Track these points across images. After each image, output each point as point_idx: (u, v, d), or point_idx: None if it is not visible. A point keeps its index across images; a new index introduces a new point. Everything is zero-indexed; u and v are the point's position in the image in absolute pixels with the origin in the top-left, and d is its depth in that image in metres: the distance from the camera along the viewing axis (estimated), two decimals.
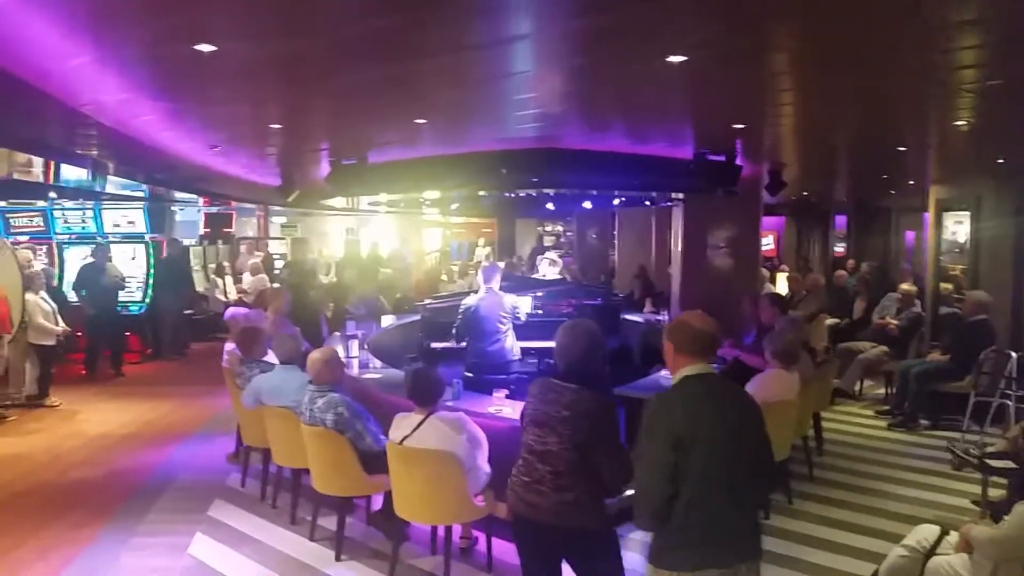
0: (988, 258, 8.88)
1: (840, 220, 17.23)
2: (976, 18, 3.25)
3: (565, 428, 3.14)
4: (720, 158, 7.38)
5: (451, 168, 7.89)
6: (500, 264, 8.11)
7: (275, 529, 5.30)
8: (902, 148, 7.60)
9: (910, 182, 11.08)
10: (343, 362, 5.39)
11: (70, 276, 11.23)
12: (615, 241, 15.27)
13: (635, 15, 3.26)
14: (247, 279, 13.91)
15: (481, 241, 22.55)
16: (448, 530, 4.43)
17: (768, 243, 16.91)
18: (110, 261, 10.88)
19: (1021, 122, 5.68)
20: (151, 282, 11.87)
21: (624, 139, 7.20)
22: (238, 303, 11.91)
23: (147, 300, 11.81)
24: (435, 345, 7.66)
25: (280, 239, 18.51)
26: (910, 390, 7.82)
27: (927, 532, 3.85)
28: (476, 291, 7.18)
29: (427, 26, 3.43)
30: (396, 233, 23.18)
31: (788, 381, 5.43)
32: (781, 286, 12.14)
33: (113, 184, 10.32)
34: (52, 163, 8.34)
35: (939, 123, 6.12)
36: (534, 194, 8.98)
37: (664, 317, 8.83)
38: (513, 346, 7.00)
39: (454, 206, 11.93)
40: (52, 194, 11.51)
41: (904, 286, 9.83)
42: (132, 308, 11.60)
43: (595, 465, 3.11)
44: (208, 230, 15.33)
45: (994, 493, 5.21)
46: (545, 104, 5.34)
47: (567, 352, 3.31)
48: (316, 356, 4.96)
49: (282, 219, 20.25)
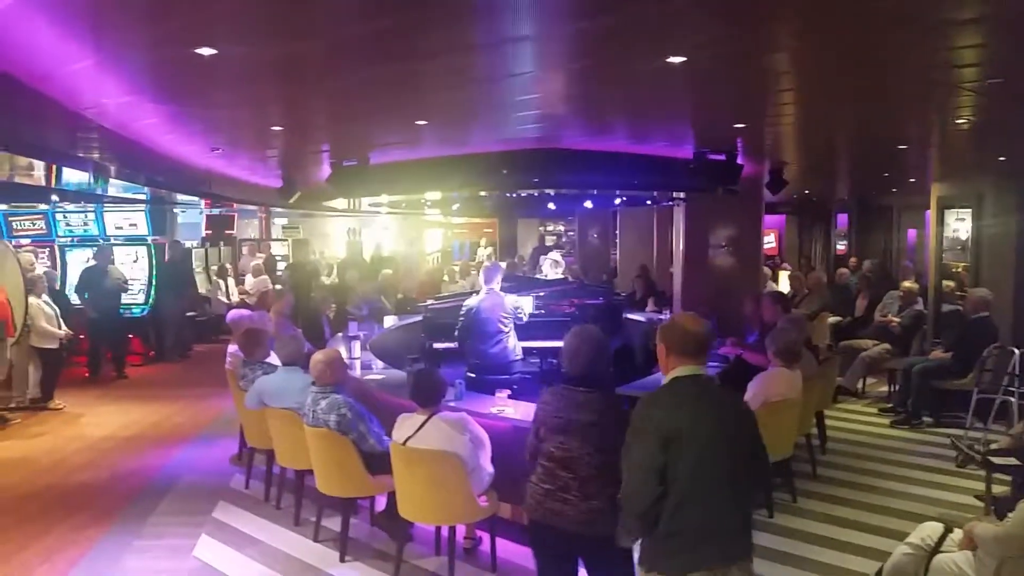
0: (990, 255, 8.86)
1: (842, 218, 17.22)
2: (977, 16, 3.25)
3: (591, 432, 3.15)
4: (720, 157, 7.38)
5: (452, 169, 7.89)
6: (502, 264, 8.12)
7: (279, 530, 5.30)
8: (903, 146, 7.60)
9: (911, 180, 11.07)
10: (345, 363, 5.39)
11: (72, 279, 11.22)
12: (616, 241, 15.27)
13: (635, 16, 3.26)
14: (249, 281, 13.94)
15: (483, 241, 22.54)
16: (452, 530, 4.44)
17: (770, 241, 16.88)
18: (112, 264, 10.89)
19: (1022, 121, 5.67)
20: (153, 284, 11.86)
21: (625, 139, 7.20)
22: (240, 305, 11.94)
23: (149, 302, 11.80)
24: (437, 346, 7.66)
25: (282, 240, 18.53)
26: (913, 387, 7.82)
27: (931, 530, 3.84)
28: (478, 292, 7.18)
29: (427, 27, 3.44)
30: (399, 234, 23.20)
31: (791, 379, 5.43)
32: (783, 284, 12.13)
33: (115, 186, 10.32)
34: (54, 166, 8.34)
35: (940, 122, 6.11)
36: (535, 194, 8.98)
37: (666, 316, 8.83)
38: (515, 346, 7.01)
39: (455, 206, 11.93)
40: (54, 197, 11.51)
41: (906, 284, 9.83)
42: (134, 310, 11.61)
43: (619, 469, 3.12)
44: (210, 232, 15.33)
45: (998, 490, 5.21)
46: (546, 105, 5.34)
47: (576, 356, 3.32)
48: (318, 357, 4.97)
49: (284, 220, 20.26)
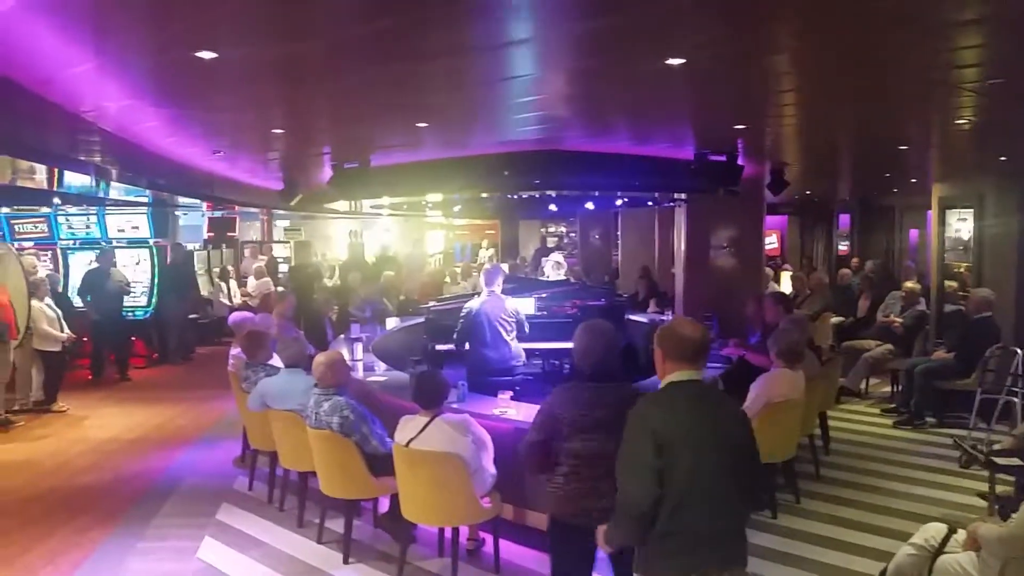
0: (992, 255, 8.85)
1: (843, 218, 17.21)
2: (977, 17, 3.25)
3: (616, 426, 3.07)
4: (721, 158, 7.38)
5: (453, 171, 7.89)
6: (503, 266, 8.12)
7: (283, 532, 5.31)
8: (904, 147, 7.60)
9: (913, 180, 11.07)
10: (348, 365, 5.39)
11: (75, 281, 11.24)
12: (618, 242, 15.26)
13: (635, 18, 3.27)
14: (251, 283, 13.95)
15: (485, 243, 22.55)
16: (455, 532, 4.45)
17: (772, 242, 16.85)
18: (114, 266, 10.91)
19: (1023, 121, 5.67)
20: (155, 287, 11.88)
21: (626, 140, 7.21)
22: (243, 307, 11.96)
23: (152, 305, 11.82)
24: (440, 347, 7.66)
25: (284, 243, 18.55)
26: (916, 388, 7.81)
27: (935, 530, 3.84)
28: (479, 293, 7.17)
29: (428, 30, 3.44)
30: (401, 236, 23.20)
31: (793, 380, 5.42)
32: (785, 285, 12.12)
33: (117, 189, 10.34)
34: (55, 169, 8.36)
35: (941, 122, 6.11)
36: (537, 195, 8.99)
37: (668, 317, 8.83)
38: (517, 350, 6.99)
39: (457, 208, 11.94)
40: (56, 200, 11.54)
41: (908, 284, 9.83)
42: (137, 313, 11.62)
43: None
44: (212, 234, 15.36)
45: (1001, 490, 5.20)
46: (547, 106, 5.35)
47: (590, 353, 3.30)
48: (321, 359, 4.97)
49: (285, 223, 20.28)
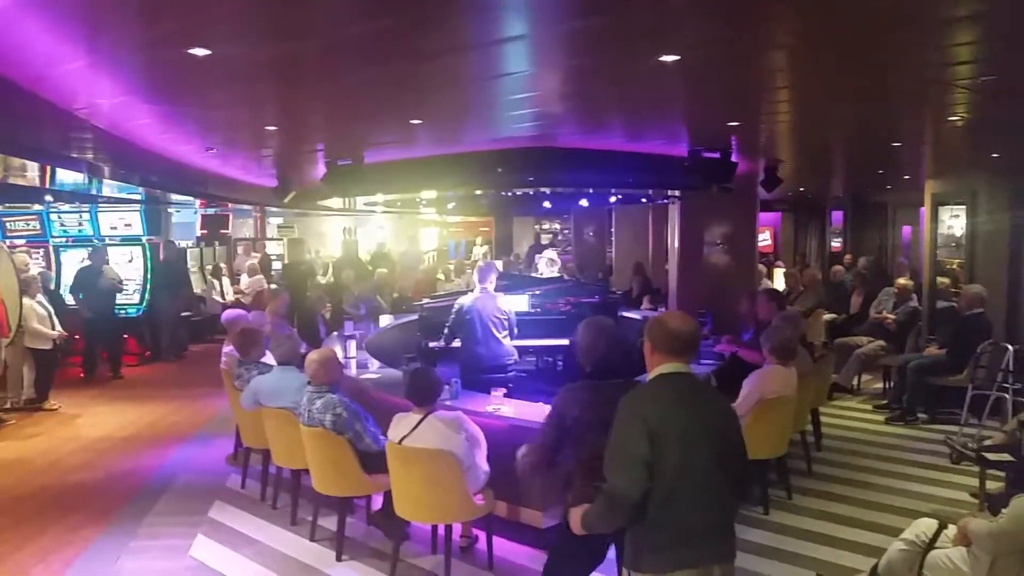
0: (984, 252, 8.88)
1: (836, 215, 17.26)
2: (971, 14, 3.26)
3: None
4: (715, 155, 7.38)
5: (447, 168, 7.87)
6: (497, 263, 8.09)
7: (276, 530, 5.30)
8: (897, 144, 7.61)
9: (906, 177, 11.10)
10: (341, 363, 5.39)
11: (67, 279, 11.21)
12: (612, 239, 15.27)
13: (628, 15, 3.26)
14: (244, 280, 13.92)
15: (479, 240, 22.52)
16: (448, 529, 4.45)
17: (765, 239, 16.90)
18: (107, 264, 10.87)
19: (1015, 118, 5.69)
20: (148, 284, 11.84)
21: (619, 137, 7.20)
22: (236, 304, 11.92)
23: (145, 302, 11.79)
24: (433, 344, 7.64)
25: (277, 240, 18.51)
26: (908, 384, 7.85)
27: (926, 526, 3.86)
28: (472, 290, 7.16)
29: (422, 27, 3.43)
30: (394, 233, 23.17)
31: (786, 376, 5.44)
32: (778, 282, 12.17)
33: (109, 187, 10.31)
34: (48, 166, 8.32)
35: (934, 119, 6.12)
36: (531, 192, 8.97)
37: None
38: (509, 346, 6.97)
39: (451, 205, 11.91)
40: (48, 197, 11.49)
41: (901, 280, 9.87)
42: (130, 310, 11.58)
43: None
44: (205, 231, 15.32)
45: (992, 486, 5.24)
46: (540, 103, 5.34)
47: (592, 350, 3.29)
48: (313, 357, 4.96)
49: (279, 220, 20.23)
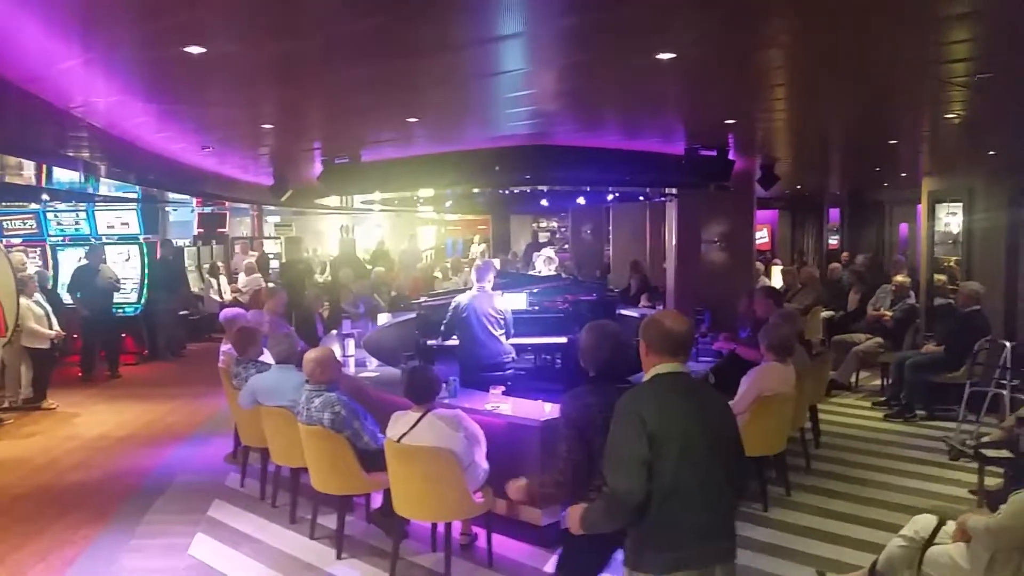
0: (981, 249, 8.90)
1: (834, 213, 17.29)
2: (967, 12, 3.26)
3: None
4: (712, 153, 7.39)
5: (444, 166, 7.87)
6: (494, 262, 8.08)
7: (275, 528, 5.30)
8: (894, 141, 7.63)
9: (903, 174, 11.13)
10: (339, 361, 5.38)
11: (64, 278, 11.18)
12: (610, 237, 15.27)
13: (625, 13, 3.27)
14: (242, 279, 13.90)
15: (476, 238, 22.51)
16: (448, 527, 4.44)
17: (762, 236, 16.91)
18: (104, 263, 10.84)
19: (1011, 115, 5.71)
20: (146, 283, 11.81)
21: (616, 135, 7.21)
22: (233, 303, 11.91)
23: (142, 301, 11.76)
24: (431, 343, 7.64)
25: (274, 238, 18.49)
26: (906, 381, 7.86)
27: (924, 522, 3.87)
28: (470, 288, 7.16)
29: (418, 24, 3.43)
30: (393, 231, 23.14)
31: (784, 374, 5.44)
32: (776, 279, 12.18)
33: (106, 185, 10.30)
34: (44, 165, 8.31)
35: (931, 116, 6.14)
36: (528, 191, 8.97)
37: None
38: (506, 344, 6.97)
39: (448, 204, 11.91)
40: (45, 196, 11.47)
41: (898, 278, 9.88)
42: (127, 309, 11.55)
43: None
44: (202, 230, 15.30)
45: (990, 482, 5.25)
46: (537, 101, 5.34)
47: (595, 354, 3.30)
48: (311, 356, 4.95)
49: (276, 218, 20.21)
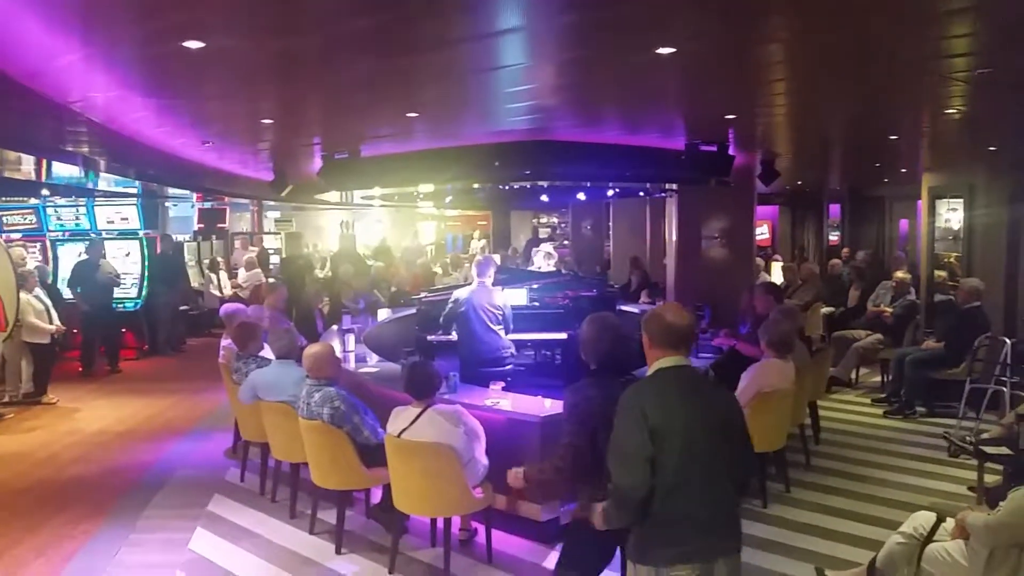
0: (982, 245, 8.89)
1: (834, 208, 17.28)
2: (966, 7, 3.25)
3: None
4: (712, 148, 7.38)
5: (444, 161, 7.86)
6: (495, 257, 8.09)
7: (275, 523, 5.31)
8: (894, 137, 7.61)
9: (903, 170, 11.11)
10: (338, 357, 5.38)
11: (64, 273, 11.18)
12: (610, 232, 15.27)
13: (624, 7, 3.26)
14: (242, 274, 13.90)
15: (476, 233, 22.52)
16: (447, 522, 4.45)
17: (763, 232, 16.90)
18: (104, 258, 10.84)
19: (1011, 111, 5.70)
20: (146, 278, 11.82)
21: (616, 130, 7.20)
22: (233, 298, 11.91)
23: (142, 296, 11.77)
24: (431, 338, 7.66)
25: (274, 234, 18.48)
26: (905, 378, 7.86)
27: (924, 519, 3.87)
28: (470, 283, 7.16)
29: (418, 20, 3.43)
30: (393, 226, 23.13)
31: (784, 370, 5.44)
32: (776, 275, 12.16)
33: (106, 180, 10.28)
34: (44, 160, 8.29)
35: (931, 112, 6.13)
36: (528, 186, 8.97)
37: None
38: (505, 339, 6.98)
39: (448, 199, 11.90)
40: (44, 191, 11.46)
41: (898, 274, 9.88)
42: (127, 304, 11.57)
43: None
44: (202, 225, 15.27)
45: (990, 479, 5.24)
46: (537, 96, 5.33)
47: (596, 346, 3.30)
48: (311, 351, 4.96)
49: (276, 214, 20.19)
